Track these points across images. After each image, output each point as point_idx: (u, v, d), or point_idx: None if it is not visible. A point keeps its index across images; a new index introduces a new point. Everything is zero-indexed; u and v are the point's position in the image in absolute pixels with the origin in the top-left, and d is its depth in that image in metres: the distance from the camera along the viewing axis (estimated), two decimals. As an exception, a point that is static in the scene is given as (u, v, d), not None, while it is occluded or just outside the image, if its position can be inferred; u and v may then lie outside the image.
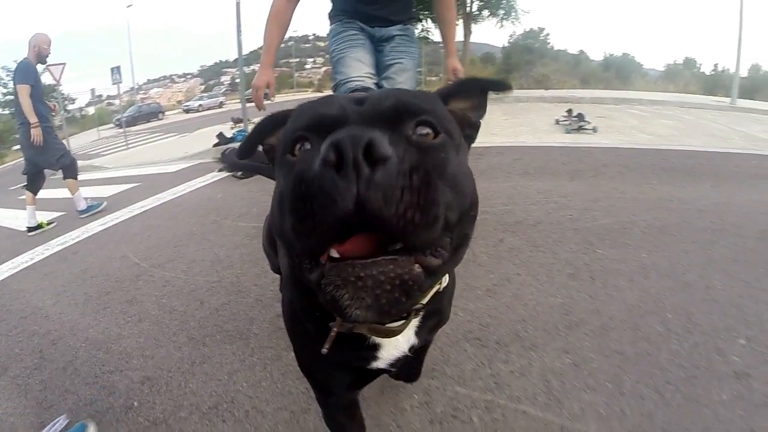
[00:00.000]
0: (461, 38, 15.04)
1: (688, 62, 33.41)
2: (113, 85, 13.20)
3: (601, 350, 1.42)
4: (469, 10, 15.15)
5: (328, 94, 0.94)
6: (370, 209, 0.39)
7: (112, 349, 1.77)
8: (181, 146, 9.73)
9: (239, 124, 8.44)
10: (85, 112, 44.09)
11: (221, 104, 33.07)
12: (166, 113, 32.23)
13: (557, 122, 6.66)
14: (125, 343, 1.80)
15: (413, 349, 0.74)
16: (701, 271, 1.91)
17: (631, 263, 2.01)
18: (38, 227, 3.91)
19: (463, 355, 1.45)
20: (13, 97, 3.98)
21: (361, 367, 0.75)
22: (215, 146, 6.88)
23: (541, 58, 26.34)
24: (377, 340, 0.68)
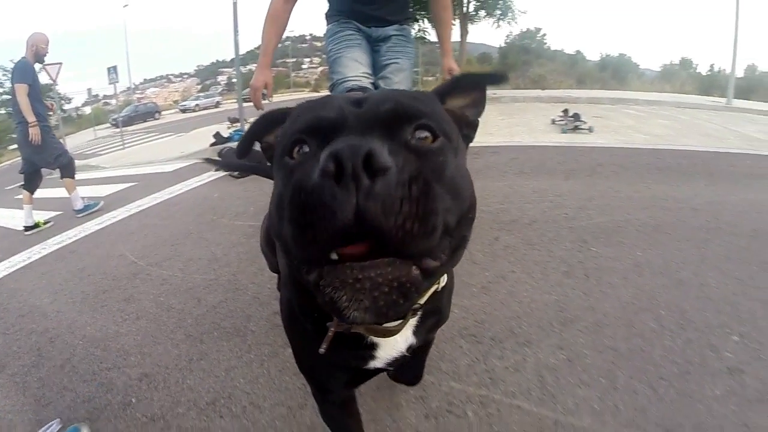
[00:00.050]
0: (458, 38, 15.08)
1: (684, 62, 33.60)
2: (110, 84, 13.18)
3: (595, 346, 1.43)
4: (465, 10, 15.19)
5: (325, 94, 0.95)
6: (369, 220, 0.39)
7: (109, 346, 1.77)
8: (177, 146, 9.71)
9: (236, 123, 8.41)
10: (81, 111, 44.10)
11: (218, 104, 32.97)
12: (162, 113, 32.22)
13: (553, 122, 6.68)
14: (123, 340, 1.80)
15: (411, 349, 0.74)
16: (695, 268, 1.92)
17: (625, 261, 2.02)
18: (35, 226, 3.90)
19: (458, 351, 1.46)
20: (10, 96, 3.98)
21: (358, 366, 0.75)
22: (212, 146, 6.88)
23: (537, 58, 26.38)
24: (375, 339, 0.69)
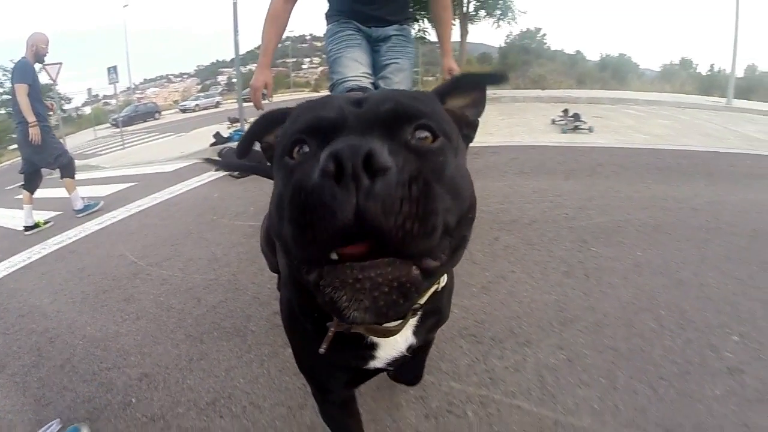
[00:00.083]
0: (458, 38, 15.08)
1: (684, 62, 33.61)
2: (110, 84, 13.19)
3: (595, 346, 1.44)
4: (465, 10, 15.19)
5: (325, 94, 0.94)
6: (369, 220, 0.39)
7: (109, 346, 1.77)
8: (177, 146, 9.71)
9: (236, 123, 8.42)
10: (81, 111, 44.10)
11: (218, 104, 32.99)
12: (162, 113, 32.25)
13: (553, 122, 6.68)
14: (123, 340, 1.80)
15: (411, 348, 0.74)
16: (695, 268, 1.92)
17: (625, 261, 2.02)
18: (35, 226, 3.90)
19: (458, 351, 1.46)
20: (10, 96, 3.98)
21: (358, 366, 0.75)
22: (212, 146, 6.89)
23: (537, 58, 26.38)
24: (375, 339, 0.68)
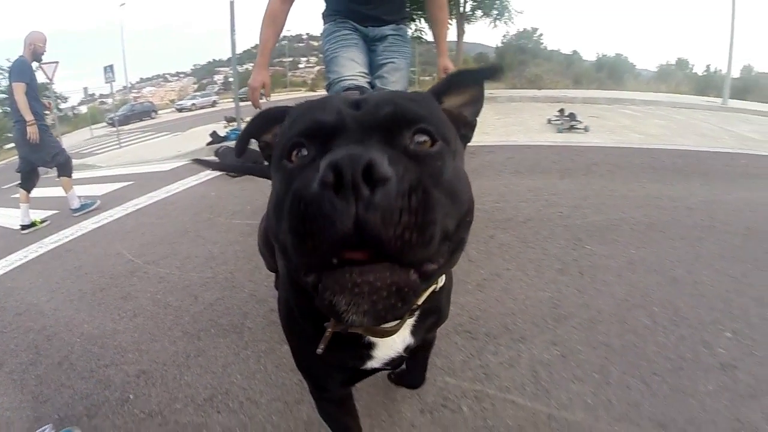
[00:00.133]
0: (455, 38, 15.06)
1: (680, 63, 33.66)
2: (106, 83, 13.18)
3: (588, 342, 1.45)
4: (462, 10, 15.17)
5: (322, 93, 0.95)
6: (369, 231, 0.39)
7: (107, 343, 1.78)
8: (174, 145, 9.68)
9: (232, 122, 8.43)
10: (77, 110, 43.88)
11: (214, 103, 32.81)
12: (158, 112, 32.08)
13: (549, 122, 6.69)
14: (120, 338, 1.81)
15: (409, 348, 0.74)
16: (689, 266, 1.94)
17: (619, 259, 2.04)
18: (32, 225, 3.89)
19: (453, 347, 1.48)
20: (7, 95, 3.97)
21: (356, 366, 0.76)
22: (209, 145, 6.90)
23: (534, 58, 26.43)
24: (372, 339, 0.69)
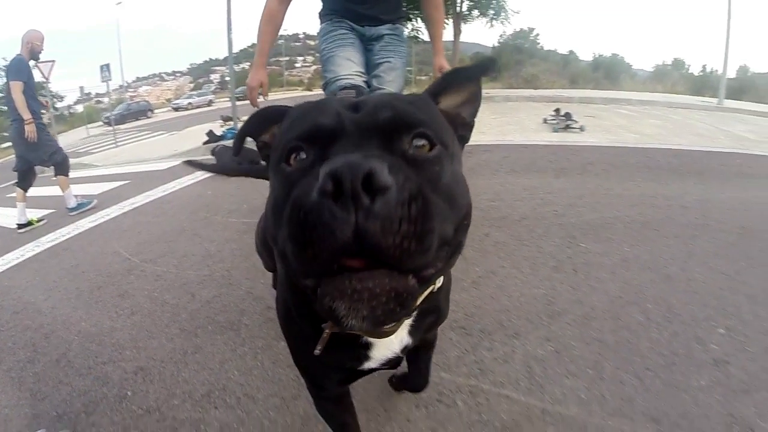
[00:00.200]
0: (451, 38, 15.08)
1: (676, 63, 33.77)
2: (102, 82, 13.06)
3: (582, 338, 1.47)
4: (459, 9, 15.17)
5: (318, 92, 0.96)
6: (368, 240, 0.39)
7: (105, 341, 1.78)
8: (170, 144, 9.68)
9: (229, 122, 8.43)
10: (73, 109, 43.62)
11: (211, 102, 32.82)
12: (155, 111, 32.12)
13: (545, 121, 6.70)
14: (118, 335, 1.82)
15: (406, 349, 0.75)
16: (683, 264, 1.96)
17: (613, 256, 2.05)
18: (28, 224, 3.89)
19: (448, 343, 1.49)
20: (3, 94, 3.96)
21: (353, 367, 0.76)
22: (205, 144, 6.90)
23: (530, 58, 26.46)
24: (370, 339, 0.69)
